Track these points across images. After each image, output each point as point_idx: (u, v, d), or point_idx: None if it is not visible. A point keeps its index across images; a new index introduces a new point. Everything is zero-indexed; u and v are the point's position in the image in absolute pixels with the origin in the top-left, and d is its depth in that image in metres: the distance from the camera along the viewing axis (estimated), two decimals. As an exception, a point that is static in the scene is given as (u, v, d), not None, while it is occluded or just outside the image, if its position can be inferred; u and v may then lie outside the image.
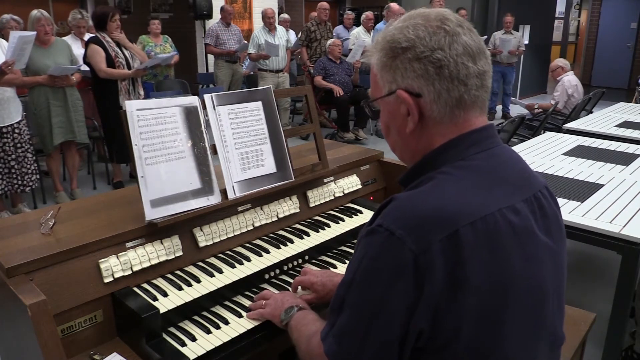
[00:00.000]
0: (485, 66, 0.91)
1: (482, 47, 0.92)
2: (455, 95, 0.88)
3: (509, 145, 1.03)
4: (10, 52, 3.61)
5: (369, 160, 2.10)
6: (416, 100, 0.90)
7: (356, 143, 6.23)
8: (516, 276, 0.85)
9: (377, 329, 0.84)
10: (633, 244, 2.06)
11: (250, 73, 7.54)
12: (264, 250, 1.59)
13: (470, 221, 0.82)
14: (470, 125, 0.92)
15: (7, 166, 3.97)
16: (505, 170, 0.93)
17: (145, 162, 1.41)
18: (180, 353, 1.23)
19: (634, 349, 2.46)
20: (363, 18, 7.35)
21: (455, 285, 0.80)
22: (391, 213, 0.85)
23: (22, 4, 6.84)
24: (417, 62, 0.88)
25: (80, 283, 1.27)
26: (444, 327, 0.82)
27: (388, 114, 0.97)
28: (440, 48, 0.87)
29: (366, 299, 0.85)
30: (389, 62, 0.92)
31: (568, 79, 5.68)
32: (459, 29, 0.89)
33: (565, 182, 2.70)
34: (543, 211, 0.94)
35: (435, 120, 0.91)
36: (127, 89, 4.60)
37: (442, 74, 0.87)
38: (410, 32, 0.89)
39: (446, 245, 0.80)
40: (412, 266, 0.80)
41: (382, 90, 0.95)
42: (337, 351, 0.89)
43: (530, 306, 0.88)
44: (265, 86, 1.77)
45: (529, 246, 0.88)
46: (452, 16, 0.91)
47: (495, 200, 0.86)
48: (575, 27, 15.61)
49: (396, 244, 0.81)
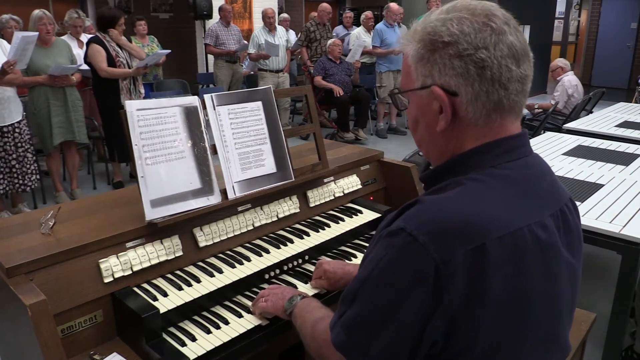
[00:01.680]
0: (527, 70, 0.87)
1: (526, 49, 0.87)
2: (494, 99, 0.84)
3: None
4: (12, 52, 3.62)
5: (369, 160, 2.10)
6: (451, 99, 0.85)
7: (356, 143, 6.23)
8: (537, 293, 0.84)
9: (387, 331, 0.81)
10: (633, 244, 2.06)
11: (251, 73, 7.54)
12: (264, 250, 1.59)
13: (499, 236, 0.79)
14: (505, 130, 0.88)
15: (8, 165, 3.97)
16: (536, 182, 0.90)
17: (145, 162, 1.41)
18: (180, 353, 1.23)
19: (634, 349, 2.46)
20: (363, 18, 7.35)
21: (474, 297, 0.78)
22: (416, 217, 0.81)
23: (22, 4, 6.84)
24: (459, 59, 0.83)
25: (80, 283, 1.27)
26: (459, 338, 0.80)
27: (418, 109, 0.92)
28: (484, 47, 0.82)
29: (381, 299, 0.82)
30: (427, 55, 0.86)
31: (568, 79, 5.68)
32: (505, 27, 0.84)
33: (565, 182, 2.70)
34: (567, 225, 0.91)
35: (470, 122, 0.86)
36: (129, 88, 4.60)
37: (484, 75, 0.82)
38: (455, 25, 0.83)
39: (470, 258, 0.77)
40: (433, 275, 0.77)
41: (415, 82, 0.89)
42: (344, 341, 0.87)
43: (546, 322, 0.87)
44: (265, 86, 1.77)
45: (552, 264, 0.86)
46: (500, 12, 0.86)
47: (525, 214, 0.83)
48: (575, 27, 15.61)
49: (419, 251, 0.77)
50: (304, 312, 1.15)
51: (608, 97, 6.75)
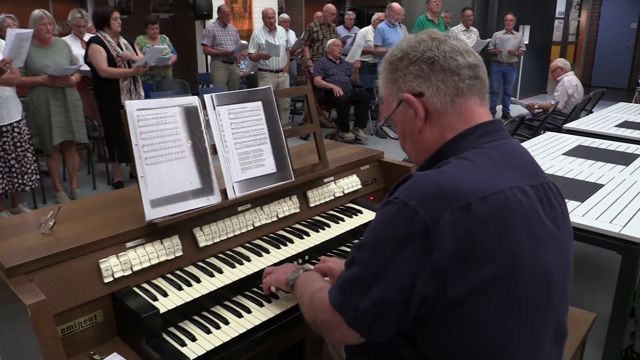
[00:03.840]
0: (475, 61, 1.00)
1: (469, 48, 1.02)
2: (451, 85, 0.98)
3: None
4: (7, 50, 3.60)
5: (369, 160, 2.10)
6: (419, 99, 1.00)
7: (356, 143, 6.23)
8: (524, 253, 0.89)
9: (378, 286, 0.90)
10: (633, 244, 2.06)
11: (251, 73, 7.54)
12: (264, 250, 1.59)
13: (482, 195, 0.87)
14: (475, 115, 1.00)
15: (8, 165, 3.96)
16: (515, 158, 0.99)
17: (145, 162, 1.41)
18: (180, 353, 1.23)
19: (634, 349, 2.46)
20: (374, 18, 7.33)
21: (464, 255, 0.85)
22: (408, 187, 0.92)
23: (22, 4, 6.83)
24: (412, 65, 1.00)
25: (80, 283, 1.27)
26: (450, 295, 0.86)
27: (401, 123, 1.06)
28: (429, 49, 0.99)
29: (374, 259, 0.92)
30: (391, 77, 1.04)
31: (568, 79, 5.68)
32: (445, 38, 1.01)
33: (565, 182, 2.70)
34: (550, 202, 0.98)
35: (440, 112, 1.00)
36: (129, 89, 4.60)
37: (434, 68, 0.98)
38: (403, 45, 1.03)
39: (457, 217, 0.85)
40: (422, 234, 0.85)
41: (393, 105, 1.05)
42: (340, 300, 0.96)
43: (537, 286, 0.91)
44: (265, 86, 1.77)
45: (536, 227, 0.92)
46: (439, 34, 1.03)
47: (506, 179, 0.92)
48: (575, 27, 15.61)
49: (409, 214, 0.87)
50: (305, 283, 1.23)
51: (608, 97, 6.75)
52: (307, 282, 1.24)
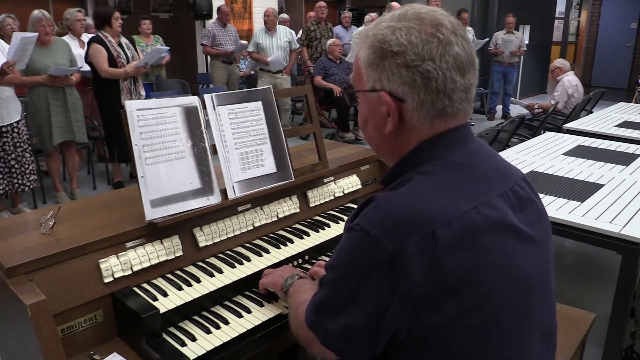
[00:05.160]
0: (472, 79, 0.91)
1: (472, 57, 0.91)
2: (438, 107, 0.89)
3: (505, 146, 1.04)
4: (12, 52, 3.62)
5: (369, 160, 2.10)
6: (398, 104, 0.90)
7: (356, 143, 6.23)
8: (496, 272, 0.86)
9: (349, 312, 0.87)
10: (633, 244, 2.06)
11: (251, 73, 7.53)
12: (264, 250, 1.59)
13: (447, 221, 0.83)
14: (447, 129, 0.93)
15: (7, 165, 3.96)
16: (482, 166, 0.94)
17: (145, 162, 1.41)
18: (180, 353, 1.23)
19: (634, 349, 2.46)
20: (367, 20, 7.34)
21: (433, 284, 0.81)
22: (368, 213, 0.87)
23: (22, 4, 6.83)
24: (406, 69, 0.87)
25: (80, 283, 1.27)
26: (424, 324, 0.83)
27: (367, 109, 0.97)
28: (431, 59, 0.86)
29: (342, 285, 0.89)
30: (376, 62, 0.91)
31: (568, 79, 5.68)
32: (452, 38, 0.88)
33: (565, 182, 2.70)
34: (521, 203, 0.95)
35: (414, 126, 0.92)
36: (129, 89, 4.60)
37: (429, 86, 0.87)
38: (403, 36, 0.87)
39: (422, 246, 0.81)
40: (387, 263, 0.81)
41: (366, 84, 0.94)
42: (312, 319, 0.95)
43: (514, 298, 0.89)
44: (265, 86, 1.77)
45: (507, 240, 0.89)
46: (447, 21, 0.90)
47: (471, 198, 0.87)
48: (575, 27, 15.61)
49: (371, 243, 0.83)
50: (296, 292, 1.22)
51: (608, 97, 6.75)
52: (297, 291, 1.21)
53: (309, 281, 1.29)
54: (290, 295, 1.24)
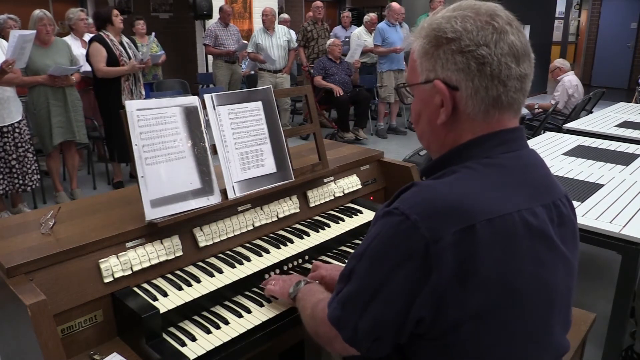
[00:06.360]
0: (527, 69, 0.90)
1: (527, 49, 0.90)
2: (493, 95, 0.87)
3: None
4: (10, 51, 3.61)
5: (369, 160, 2.10)
6: (452, 93, 0.89)
7: (356, 143, 6.23)
8: (527, 278, 0.85)
9: (376, 304, 0.86)
10: (633, 244, 2.06)
11: (251, 73, 7.53)
12: (264, 250, 1.59)
13: (488, 218, 0.82)
14: (502, 125, 0.91)
15: (8, 166, 3.96)
16: (529, 173, 0.92)
17: (145, 162, 1.41)
18: (180, 353, 1.23)
19: (634, 349, 2.46)
20: (367, 20, 7.34)
21: (463, 278, 0.80)
22: (410, 198, 0.85)
23: (22, 4, 6.83)
24: (460, 55, 0.86)
25: (80, 283, 1.27)
26: (446, 318, 0.82)
27: (421, 102, 0.96)
28: (485, 44, 0.85)
29: (373, 274, 0.87)
30: (431, 50, 0.90)
31: (568, 79, 5.68)
32: (507, 27, 0.87)
33: (565, 182, 2.69)
34: (561, 219, 0.93)
35: (469, 116, 0.90)
36: (130, 89, 4.59)
37: (484, 71, 0.86)
38: (458, 23, 0.87)
39: (460, 238, 0.80)
40: (422, 252, 0.80)
41: (420, 77, 0.94)
42: (338, 316, 0.92)
43: (538, 310, 0.88)
44: (265, 86, 1.77)
45: (542, 251, 0.87)
46: (503, 13, 0.90)
47: (515, 201, 0.86)
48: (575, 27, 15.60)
49: (410, 228, 0.81)
50: (307, 295, 1.21)
51: (608, 97, 6.74)
52: (308, 294, 1.20)
53: (317, 285, 1.28)
54: (300, 300, 1.22)
